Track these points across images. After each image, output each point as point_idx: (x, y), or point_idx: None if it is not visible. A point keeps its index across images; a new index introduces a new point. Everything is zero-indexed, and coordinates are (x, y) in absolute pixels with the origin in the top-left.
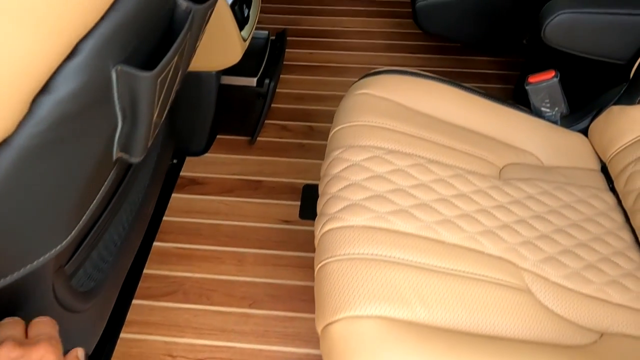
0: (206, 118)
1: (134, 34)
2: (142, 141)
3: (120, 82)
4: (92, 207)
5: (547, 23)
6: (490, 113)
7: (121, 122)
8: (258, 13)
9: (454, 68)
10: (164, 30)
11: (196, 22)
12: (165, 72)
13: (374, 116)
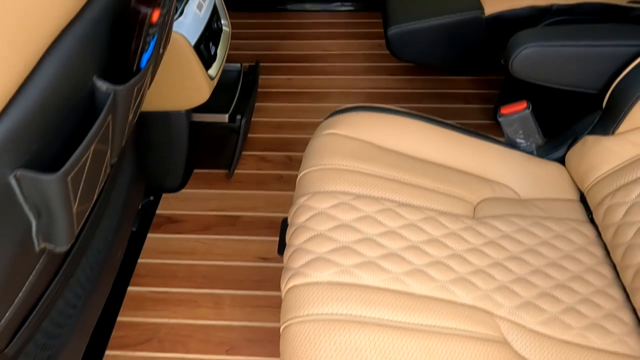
0: (179, 156)
1: (37, 134)
2: (65, 232)
3: (24, 186)
4: (24, 292)
5: (513, 57)
6: (463, 147)
7: (36, 220)
8: (227, 48)
9: (435, 89)
10: (85, 114)
11: (120, 102)
12: (81, 164)
13: (341, 158)
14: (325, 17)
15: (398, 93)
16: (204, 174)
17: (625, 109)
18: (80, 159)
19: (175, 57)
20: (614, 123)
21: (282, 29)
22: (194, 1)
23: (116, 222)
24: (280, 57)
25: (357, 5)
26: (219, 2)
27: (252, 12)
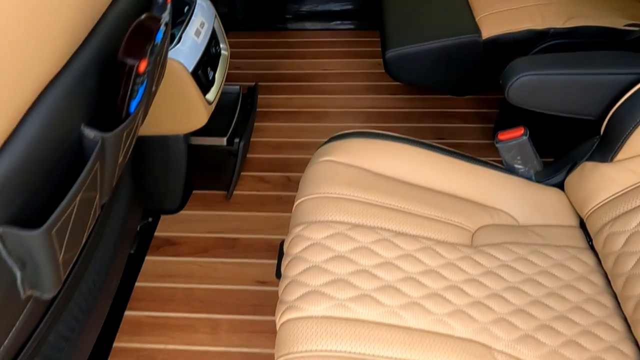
0: (178, 178)
1: (22, 187)
2: (51, 280)
3: (7, 241)
4: (11, 336)
5: (509, 85)
6: (460, 173)
7: (20, 271)
8: (226, 72)
9: (434, 108)
10: (72, 162)
11: (109, 149)
12: (66, 215)
13: (338, 186)
14: (325, 35)
15: (397, 112)
16: (203, 195)
17: (623, 137)
18: (65, 212)
19: (172, 83)
20: (612, 150)
21: (282, 48)
22: (192, 28)
23: (112, 248)
24: (280, 76)
25: (357, 24)
26: (218, 26)
27: (252, 31)
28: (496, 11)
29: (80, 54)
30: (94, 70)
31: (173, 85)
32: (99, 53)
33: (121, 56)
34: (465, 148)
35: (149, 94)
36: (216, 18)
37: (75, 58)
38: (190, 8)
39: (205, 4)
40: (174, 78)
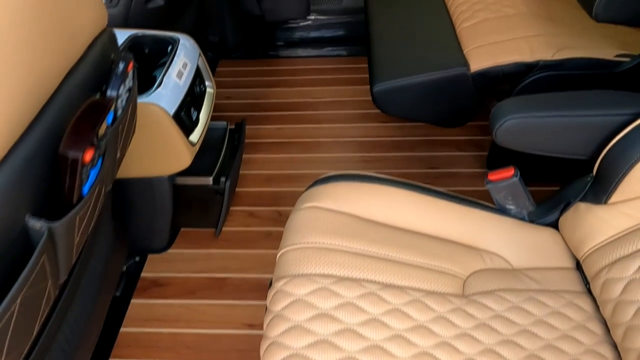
0: (164, 219)
1: None
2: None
3: None
4: None
5: (496, 128)
6: (450, 215)
7: None
8: (211, 110)
9: (426, 136)
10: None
11: (60, 237)
12: (6, 318)
13: (322, 235)
14: (316, 62)
15: (389, 141)
16: (191, 233)
17: (616, 179)
18: (4, 315)
19: (154, 127)
20: (606, 192)
21: (273, 76)
22: (174, 69)
23: (94, 295)
24: (271, 105)
25: (349, 50)
26: (203, 64)
27: (243, 59)
28: (484, 44)
29: (22, 142)
30: (41, 157)
31: (154, 130)
32: (45, 139)
33: (62, 149)
34: (459, 177)
35: (112, 163)
36: (200, 56)
37: (21, 144)
38: (173, 48)
39: (188, 43)
40: (155, 123)
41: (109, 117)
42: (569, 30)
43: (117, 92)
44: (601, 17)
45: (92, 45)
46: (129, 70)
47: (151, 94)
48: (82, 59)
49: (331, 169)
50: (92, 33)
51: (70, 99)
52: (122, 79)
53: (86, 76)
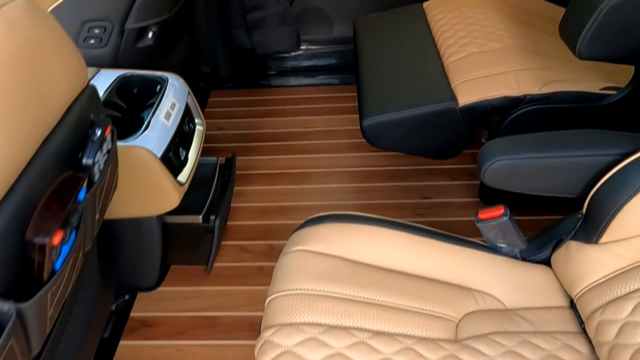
0: (153, 257)
1: None
2: None
3: None
4: None
5: (484, 170)
6: (442, 255)
7: None
8: (201, 147)
9: (419, 165)
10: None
11: (30, 316)
12: None
13: (312, 281)
14: (308, 92)
15: (382, 171)
16: (181, 270)
17: (605, 219)
18: None
19: (141, 170)
20: (597, 232)
21: (265, 106)
22: (162, 111)
23: (80, 339)
24: (263, 136)
25: (341, 78)
26: (192, 102)
27: (235, 89)
28: (471, 78)
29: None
30: (9, 237)
31: (142, 172)
32: (14, 218)
33: (29, 235)
34: (452, 208)
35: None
36: (189, 94)
37: None
38: (162, 87)
39: (177, 82)
40: (143, 165)
41: (81, 193)
42: (555, 64)
43: (94, 160)
44: (584, 55)
45: (70, 109)
46: (106, 135)
47: (138, 137)
48: (58, 125)
49: (324, 200)
50: (70, 95)
51: (44, 172)
52: (99, 145)
53: (62, 144)
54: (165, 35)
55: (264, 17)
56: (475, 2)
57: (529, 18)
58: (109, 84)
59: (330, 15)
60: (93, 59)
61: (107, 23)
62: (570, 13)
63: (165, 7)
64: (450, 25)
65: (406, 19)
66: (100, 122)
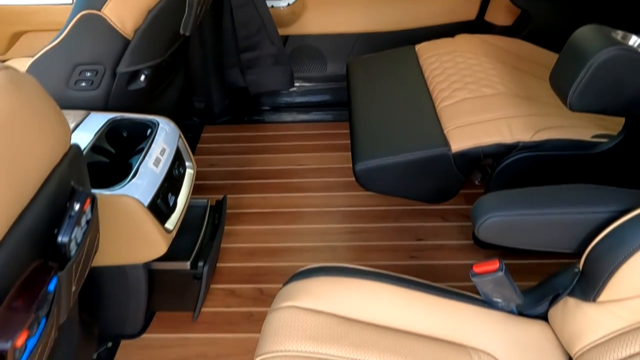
0: (138, 305)
1: None
2: None
3: None
4: None
5: (478, 225)
6: (437, 310)
7: None
8: (190, 191)
9: (412, 206)
10: None
11: None
12: None
13: (302, 341)
14: (302, 128)
15: (374, 211)
16: (167, 316)
17: (603, 278)
18: None
19: (127, 218)
20: (594, 290)
21: (258, 142)
22: (151, 157)
23: None
24: (255, 173)
25: (335, 115)
26: (183, 145)
27: (228, 124)
28: (464, 124)
29: None
30: None
31: (128, 220)
32: None
33: None
34: (446, 250)
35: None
36: (180, 138)
37: None
38: (152, 131)
39: (168, 127)
40: (129, 214)
41: (52, 282)
42: (546, 110)
43: (70, 237)
44: (575, 107)
45: (49, 178)
46: (85, 209)
47: (125, 185)
48: (35, 198)
49: (316, 241)
50: (51, 163)
51: (15, 255)
52: (77, 220)
53: (37, 219)
54: (158, 77)
55: (257, 57)
56: (467, 46)
57: (520, 63)
58: (99, 128)
59: (324, 54)
60: (84, 101)
61: (99, 67)
62: (561, 65)
63: (158, 52)
64: (443, 70)
65: (399, 61)
66: (79, 194)
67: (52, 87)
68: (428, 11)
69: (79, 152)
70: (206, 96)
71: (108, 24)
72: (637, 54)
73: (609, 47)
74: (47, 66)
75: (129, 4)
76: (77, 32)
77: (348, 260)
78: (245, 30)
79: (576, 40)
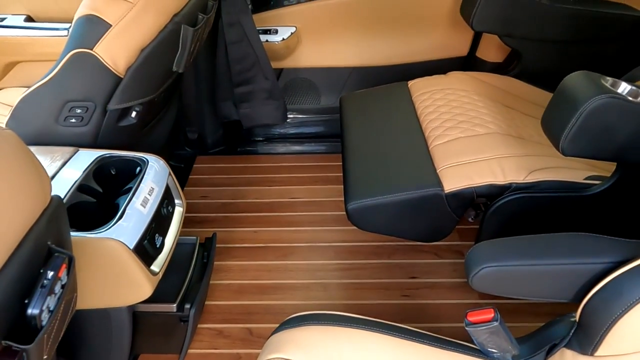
0: (121, 349)
1: None
2: None
3: None
4: None
5: (472, 276)
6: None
7: None
8: (179, 230)
9: (405, 242)
10: None
11: None
12: None
13: None
14: (295, 160)
15: (367, 247)
16: (152, 358)
17: (600, 333)
18: None
19: (111, 262)
20: (591, 345)
21: (251, 174)
22: (139, 198)
23: None
24: (247, 206)
25: (328, 147)
26: (172, 183)
27: (220, 155)
28: (456, 164)
29: None
30: None
31: (112, 264)
32: None
33: None
34: (439, 288)
35: None
36: (170, 176)
37: None
38: (141, 169)
39: (157, 165)
40: (114, 257)
41: None
42: (539, 151)
43: (41, 308)
44: (568, 152)
45: (24, 242)
46: (60, 275)
47: (111, 227)
48: (5, 266)
49: (307, 278)
50: (26, 224)
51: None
52: (50, 289)
53: (5, 293)
54: (150, 112)
55: (251, 91)
56: (459, 84)
57: (511, 101)
58: (87, 166)
59: (317, 86)
60: (73, 137)
61: (90, 103)
62: (553, 111)
63: (151, 89)
64: (435, 107)
65: (391, 98)
66: (55, 260)
67: (42, 123)
68: (420, 47)
69: (60, 204)
70: (199, 127)
71: (100, 62)
72: (626, 102)
73: (599, 94)
74: (38, 102)
75: (122, 43)
76: (68, 69)
77: (340, 299)
78: (239, 66)
79: (567, 87)
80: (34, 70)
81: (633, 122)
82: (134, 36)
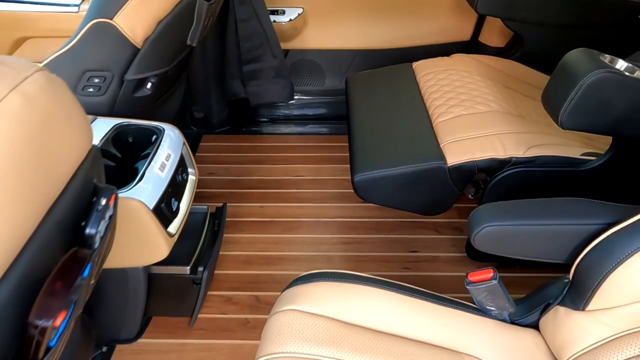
0: (136, 309)
1: None
2: None
3: None
4: None
5: (474, 234)
6: (433, 317)
7: None
8: (192, 196)
9: (406, 218)
10: None
11: None
12: None
13: (301, 344)
14: (299, 140)
15: (369, 222)
16: (164, 321)
17: (592, 288)
18: None
19: (132, 221)
20: (583, 300)
21: (256, 153)
22: (157, 162)
23: None
24: (253, 182)
25: (331, 128)
26: (186, 152)
27: (226, 134)
28: (459, 139)
29: None
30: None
31: (133, 223)
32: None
33: (33, 318)
34: (439, 262)
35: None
36: (184, 145)
37: None
38: (158, 138)
39: (173, 133)
40: (134, 217)
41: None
42: (538, 129)
43: (97, 229)
44: (566, 125)
45: (75, 176)
46: (110, 203)
47: (132, 188)
48: (63, 194)
49: (311, 251)
50: (76, 162)
51: (47, 242)
52: (103, 215)
53: (65, 213)
54: (163, 85)
55: (259, 69)
56: (462, 65)
57: (512, 82)
58: (105, 133)
59: (322, 68)
60: (90, 106)
61: (108, 73)
62: (553, 85)
63: (166, 61)
64: (439, 87)
65: (396, 78)
66: (105, 190)
67: None
68: (424, 31)
69: (99, 152)
70: (206, 106)
71: (119, 32)
72: (623, 77)
73: (598, 69)
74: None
75: (140, 14)
76: (88, 39)
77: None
78: (248, 43)
79: (567, 62)
80: (43, 47)
81: (629, 96)
82: (152, 7)
